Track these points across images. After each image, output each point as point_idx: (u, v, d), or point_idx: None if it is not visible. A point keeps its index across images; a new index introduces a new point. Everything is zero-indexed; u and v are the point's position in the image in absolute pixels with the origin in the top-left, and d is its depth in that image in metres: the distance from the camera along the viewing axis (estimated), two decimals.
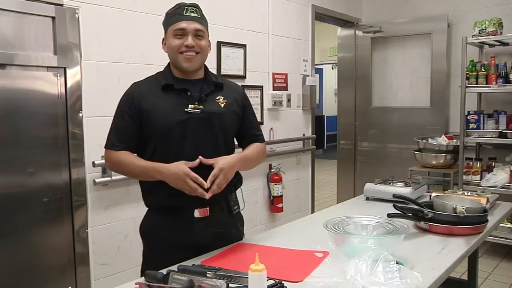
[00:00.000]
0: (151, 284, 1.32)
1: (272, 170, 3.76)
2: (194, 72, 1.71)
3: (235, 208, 1.80)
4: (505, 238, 3.83)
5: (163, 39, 1.72)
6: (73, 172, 2.35)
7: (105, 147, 1.71)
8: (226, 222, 1.76)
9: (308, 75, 4.15)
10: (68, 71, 2.31)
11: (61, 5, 2.30)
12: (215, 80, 1.76)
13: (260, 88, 3.63)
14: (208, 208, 1.68)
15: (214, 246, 1.68)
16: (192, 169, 1.56)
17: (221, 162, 1.60)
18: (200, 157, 1.60)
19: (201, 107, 1.66)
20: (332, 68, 10.60)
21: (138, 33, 2.69)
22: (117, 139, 1.67)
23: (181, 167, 1.55)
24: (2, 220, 2.09)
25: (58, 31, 2.27)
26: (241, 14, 3.44)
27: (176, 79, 1.70)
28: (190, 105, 1.64)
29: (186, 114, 1.64)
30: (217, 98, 1.72)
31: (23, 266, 2.16)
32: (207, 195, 1.55)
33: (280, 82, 3.83)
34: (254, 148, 1.82)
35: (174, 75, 1.71)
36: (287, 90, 3.91)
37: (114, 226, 2.62)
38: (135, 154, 1.69)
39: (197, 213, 1.67)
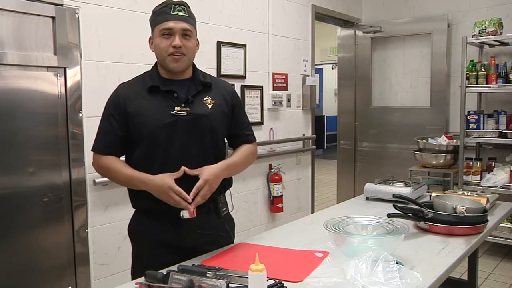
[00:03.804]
0: (151, 284, 1.32)
1: (272, 170, 3.76)
2: (181, 72, 1.68)
3: (223, 210, 1.76)
4: (505, 238, 3.83)
5: (150, 38, 1.69)
6: (73, 172, 2.35)
7: (92, 150, 1.70)
8: (214, 224, 1.72)
9: (308, 75, 4.15)
10: (68, 71, 2.31)
11: (61, 5, 2.30)
12: (203, 79, 1.72)
13: (260, 88, 3.63)
14: (195, 210, 1.61)
15: (201, 248, 1.66)
16: (178, 179, 1.55)
17: (206, 173, 1.58)
18: (184, 168, 1.57)
19: (188, 109, 1.63)
20: (332, 68, 10.60)
21: (138, 33, 2.68)
22: (103, 143, 1.67)
23: (166, 180, 1.54)
24: (2, 220, 2.08)
25: (58, 31, 2.27)
26: (241, 14, 3.44)
27: (163, 79, 1.67)
28: (176, 108, 1.62)
29: (173, 117, 1.61)
30: (205, 99, 1.69)
31: (23, 266, 2.16)
32: (191, 208, 1.54)
33: (280, 82, 3.83)
34: (242, 152, 1.78)
35: (161, 75, 1.68)
36: (287, 90, 3.91)
37: (114, 226, 2.62)
38: (123, 159, 1.68)
39: (184, 215, 1.62)
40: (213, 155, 1.69)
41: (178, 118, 1.62)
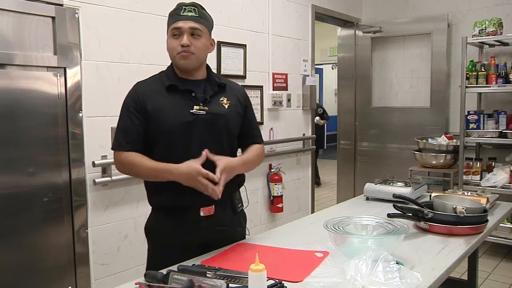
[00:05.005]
0: (151, 284, 1.32)
1: (272, 170, 3.76)
2: (196, 72, 1.71)
3: (239, 206, 1.82)
4: (505, 238, 3.83)
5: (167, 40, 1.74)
6: (73, 172, 2.35)
7: (112, 148, 1.71)
8: (231, 220, 1.78)
9: (308, 75, 4.15)
10: (68, 71, 2.31)
11: (61, 5, 2.30)
12: (218, 81, 1.77)
13: (260, 88, 3.63)
14: (213, 207, 1.69)
15: (219, 244, 1.70)
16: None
17: (224, 161, 1.61)
18: (206, 150, 1.61)
19: (206, 108, 1.66)
20: (332, 68, 10.60)
21: (138, 33, 2.69)
22: (124, 139, 1.67)
23: (193, 165, 1.56)
24: (2, 220, 2.09)
25: (58, 31, 2.27)
26: (241, 14, 3.44)
27: (180, 79, 1.70)
28: (195, 106, 1.65)
29: (192, 116, 1.65)
30: (221, 99, 1.73)
31: (23, 266, 2.16)
32: (217, 191, 1.55)
33: (280, 82, 3.83)
34: (254, 151, 1.83)
35: (178, 75, 1.72)
36: (287, 90, 3.91)
37: (114, 226, 2.62)
38: (143, 155, 1.69)
39: (202, 212, 1.68)
40: (229, 154, 1.73)
41: (197, 117, 1.65)
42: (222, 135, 1.71)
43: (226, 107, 1.73)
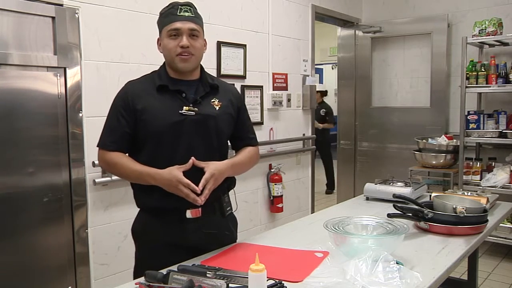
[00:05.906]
0: (151, 284, 1.32)
1: (272, 170, 3.76)
2: (189, 73, 1.69)
3: (227, 209, 1.78)
4: (505, 238, 3.83)
5: (158, 39, 1.71)
6: (73, 172, 2.35)
7: (97, 146, 1.70)
8: (219, 224, 1.74)
9: (308, 75, 4.15)
10: (68, 71, 2.31)
11: (61, 5, 2.30)
12: (211, 82, 1.74)
13: (260, 88, 3.63)
14: (200, 209, 1.66)
15: (206, 247, 1.67)
16: (186, 172, 1.55)
17: (212, 167, 1.59)
18: (193, 158, 1.59)
19: (196, 109, 1.64)
20: (332, 68, 10.59)
21: (138, 33, 2.69)
22: (110, 139, 1.66)
23: (174, 173, 1.54)
24: (2, 220, 2.09)
25: (58, 31, 2.27)
26: (241, 14, 3.44)
27: (172, 79, 1.68)
28: (184, 107, 1.63)
29: (181, 116, 1.63)
30: (212, 100, 1.71)
31: (23, 266, 2.16)
32: (199, 201, 1.54)
33: (280, 82, 3.83)
34: (246, 153, 1.81)
35: (170, 75, 1.70)
36: (287, 90, 3.91)
37: (114, 226, 2.62)
38: (127, 155, 1.68)
39: (189, 214, 1.66)
40: (218, 156, 1.71)
41: (186, 118, 1.63)
42: (211, 137, 1.69)
43: (217, 108, 1.70)
